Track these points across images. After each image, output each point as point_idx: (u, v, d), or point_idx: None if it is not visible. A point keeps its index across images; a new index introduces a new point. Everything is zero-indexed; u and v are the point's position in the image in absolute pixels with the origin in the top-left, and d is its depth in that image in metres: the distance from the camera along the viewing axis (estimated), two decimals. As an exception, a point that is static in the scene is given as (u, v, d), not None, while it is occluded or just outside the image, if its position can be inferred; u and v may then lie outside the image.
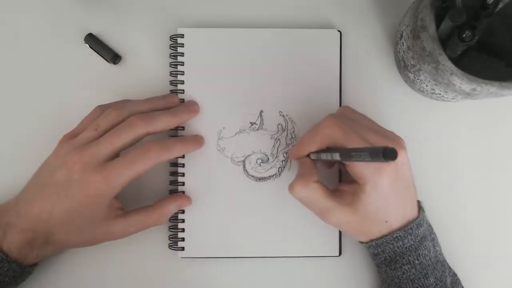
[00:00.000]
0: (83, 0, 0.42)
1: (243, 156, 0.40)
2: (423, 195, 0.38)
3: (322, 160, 0.34)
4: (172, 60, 0.41)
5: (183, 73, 0.41)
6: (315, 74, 0.41)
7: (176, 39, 0.41)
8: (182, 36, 0.41)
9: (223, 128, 0.40)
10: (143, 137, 0.36)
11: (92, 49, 0.41)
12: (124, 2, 0.42)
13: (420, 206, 0.36)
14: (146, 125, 0.36)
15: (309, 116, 0.40)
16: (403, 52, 0.38)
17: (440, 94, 0.37)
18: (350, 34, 0.42)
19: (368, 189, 0.32)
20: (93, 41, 0.41)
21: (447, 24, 0.32)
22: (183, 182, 0.40)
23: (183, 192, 0.40)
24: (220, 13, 0.42)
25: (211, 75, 0.41)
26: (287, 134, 0.41)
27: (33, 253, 0.35)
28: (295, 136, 0.41)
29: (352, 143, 0.32)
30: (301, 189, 0.34)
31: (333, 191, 0.35)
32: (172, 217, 0.39)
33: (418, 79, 0.37)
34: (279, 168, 0.40)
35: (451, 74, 0.32)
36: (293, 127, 0.41)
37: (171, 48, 0.41)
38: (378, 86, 0.42)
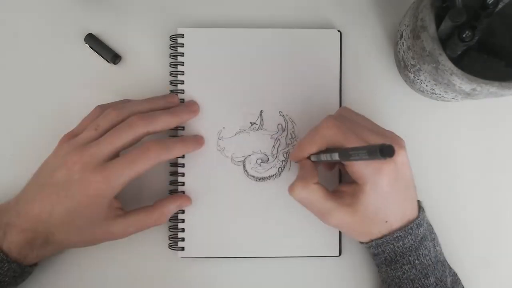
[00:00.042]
0: (83, 0, 0.42)
1: (243, 156, 0.40)
2: (423, 195, 0.38)
3: (323, 162, 0.34)
4: (172, 60, 0.41)
5: (183, 73, 0.41)
6: (315, 74, 0.41)
7: (176, 39, 0.41)
8: (182, 36, 0.41)
9: (223, 128, 0.40)
10: (143, 137, 0.36)
11: (92, 49, 0.41)
12: (124, 2, 0.42)
13: (420, 206, 0.36)
14: (146, 125, 0.36)
15: (309, 116, 0.40)
16: (403, 52, 0.38)
17: (440, 94, 0.37)
18: (350, 34, 0.42)
19: (368, 189, 0.32)
20: (93, 41, 0.41)
21: (447, 24, 0.32)
22: (183, 182, 0.40)
23: (183, 192, 0.40)
24: (220, 13, 0.42)
25: (211, 75, 0.41)
26: (287, 134, 0.41)
27: (33, 253, 0.35)
28: (295, 136, 0.41)
29: (351, 144, 0.32)
30: (301, 191, 0.34)
31: (333, 192, 0.35)
32: (172, 217, 0.39)
33: (418, 79, 0.37)
34: (279, 168, 0.40)
35: (451, 74, 0.32)
36: (293, 127, 0.41)
37: (171, 48, 0.41)
38: (378, 86, 0.42)
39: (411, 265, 0.34)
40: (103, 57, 0.41)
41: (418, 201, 0.36)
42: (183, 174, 0.40)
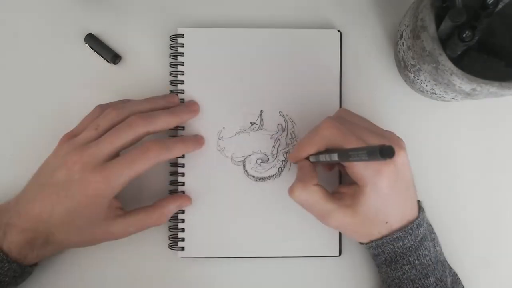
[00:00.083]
0: (83, 0, 0.42)
1: (243, 156, 0.40)
2: (423, 195, 0.38)
3: (322, 163, 0.34)
4: (172, 60, 0.41)
5: (183, 73, 0.41)
6: (315, 74, 0.41)
7: (176, 39, 0.41)
8: (182, 36, 0.41)
9: (223, 128, 0.40)
10: (143, 137, 0.36)
11: (92, 49, 0.41)
12: (124, 2, 0.42)
13: (420, 206, 0.36)
14: (146, 125, 0.36)
15: (309, 116, 0.40)
16: (403, 52, 0.38)
17: (440, 94, 0.37)
18: (350, 34, 0.42)
19: (368, 191, 0.32)
20: (93, 41, 0.41)
21: (447, 24, 0.32)
22: (183, 182, 0.40)
23: (183, 192, 0.40)
24: (220, 13, 0.42)
25: (211, 75, 0.41)
26: (287, 134, 0.41)
27: (33, 253, 0.35)
28: (295, 136, 0.41)
29: (351, 144, 0.32)
30: (301, 193, 0.34)
31: (333, 194, 0.35)
32: (172, 217, 0.39)
33: (418, 79, 0.37)
34: (279, 168, 0.40)
35: (451, 74, 0.32)
36: (293, 127, 0.41)
37: (171, 48, 0.41)
38: (378, 86, 0.42)
39: (411, 265, 0.34)
40: (103, 57, 0.41)
41: (418, 201, 0.36)
42: (183, 174, 0.40)
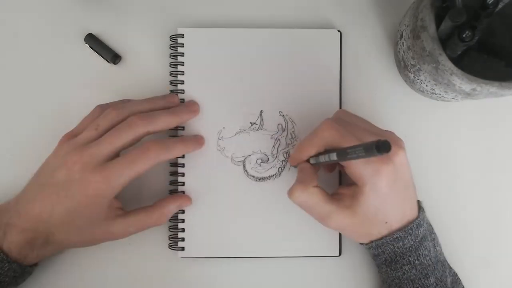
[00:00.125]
0: (83, 0, 0.42)
1: (243, 156, 0.40)
2: (423, 195, 0.38)
3: (322, 164, 0.34)
4: (172, 60, 0.41)
5: (183, 73, 0.41)
6: (315, 74, 0.41)
7: (176, 39, 0.41)
8: (182, 36, 0.41)
9: (223, 128, 0.40)
10: (143, 137, 0.36)
11: (92, 49, 0.41)
12: (124, 2, 0.42)
13: (420, 206, 0.36)
14: (146, 125, 0.36)
15: (309, 116, 0.40)
16: (403, 52, 0.37)
17: (440, 94, 0.37)
18: (350, 34, 0.42)
19: (367, 191, 0.32)
20: (93, 41, 0.41)
21: (447, 24, 0.32)
22: (183, 182, 0.40)
23: (183, 192, 0.40)
24: (220, 13, 0.42)
25: (211, 75, 0.41)
26: (287, 134, 0.41)
27: (33, 253, 0.35)
28: (295, 136, 0.41)
29: (349, 144, 0.32)
30: (300, 194, 0.33)
31: (332, 195, 0.35)
32: (172, 217, 0.39)
33: (418, 79, 0.37)
34: (279, 168, 0.40)
35: (451, 74, 0.32)
36: (293, 127, 0.41)
37: (171, 48, 0.41)
38: (378, 86, 0.42)
39: (411, 266, 0.34)
40: (103, 57, 0.41)
41: (418, 201, 0.36)
42: (183, 174, 0.40)
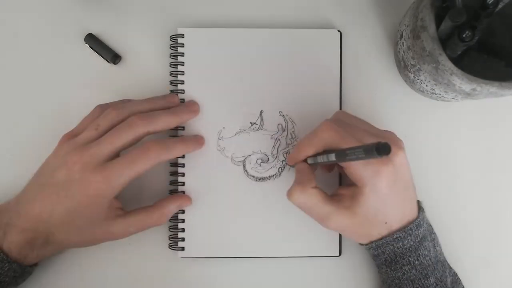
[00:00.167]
0: (83, 0, 0.42)
1: (243, 156, 0.40)
2: (423, 195, 0.38)
3: (321, 164, 0.34)
4: (172, 60, 0.41)
5: (183, 73, 0.41)
6: (315, 74, 0.41)
7: (176, 39, 0.41)
8: (182, 36, 0.41)
9: (223, 128, 0.40)
10: (143, 137, 0.36)
11: (92, 49, 0.41)
12: (124, 2, 0.42)
13: (420, 207, 0.36)
14: (146, 125, 0.36)
15: (309, 117, 0.40)
16: (403, 52, 0.38)
17: (440, 94, 0.37)
18: (350, 34, 0.42)
19: (367, 191, 0.32)
20: (93, 41, 0.41)
21: (447, 24, 0.32)
22: (183, 182, 0.40)
23: (183, 192, 0.40)
24: (220, 13, 0.42)
25: (211, 75, 0.41)
26: (287, 134, 0.41)
27: (33, 253, 0.35)
28: (295, 136, 0.41)
29: (349, 146, 0.32)
30: (299, 195, 0.33)
31: (332, 196, 0.35)
32: (172, 217, 0.39)
33: (418, 79, 0.37)
34: (279, 168, 0.40)
35: (451, 74, 0.32)
36: (293, 127, 0.41)
37: (171, 48, 0.41)
38: (378, 86, 0.42)
39: (411, 266, 0.34)
40: (103, 57, 0.41)
41: (418, 202, 0.36)
42: (183, 174, 0.40)
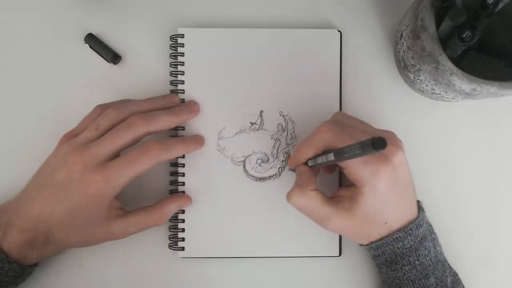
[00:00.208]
0: (83, 0, 0.42)
1: (243, 156, 0.40)
2: (423, 195, 0.38)
3: (320, 165, 0.34)
4: (172, 60, 0.41)
5: (183, 73, 0.41)
6: (315, 74, 0.41)
7: (176, 39, 0.41)
8: (182, 36, 0.41)
9: (223, 128, 0.40)
10: (143, 137, 0.36)
11: (92, 49, 0.41)
12: (124, 2, 0.42)
13: (420, 206, 0.36)
14: (146, 125, 0.36)
15: (309, 117, 0.40)
16: (403, 52, 0.38)
17: (440, 94, 0.37)
18: (350, 34, 0.42)
19: (366, 192, 0.32)
20: (93, 41, 0.41)
21: (447, 24, 0.32)
22: (183, 182, 0.40)
23: (183, 192, 0.40)
24: (220, 13, 0.42)
25: (211, 75, 0.41)
26: (287, 134, 0.41)
27: (33, 253, 0.35)
28: (295, 136, 0.41)
29: None
30: (299, 198, 0.33)
31: (331, 198, 0.35)
32: (172, 217, 0.39)
33: (418, 79, 0.37)
34: (279, 168, 0.40)
35: (451, 74, 0.32)
36: (293, 127, 0.41)
37: (171, 48, 0.41)
38: (378, 86, 0.42)
39: (411, 266, 0.34)
40: (103, 57, 0.41)
41: (418, 201, 0.36)
42: (183, 174, 0.40)
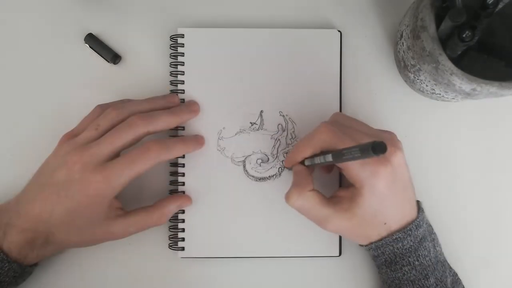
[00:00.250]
0: (83, 0, 0.42)
1: (243, 156, 0.40)
2: (423, 195, 0.38)
3: (317, 165, 0.34)
4: (172, 60, 0.41)
5: (183, 73, 0.41)
6: (315, 74, 0.41)
7: (176, 39, 0.41)
8: (182, 36, 0.41)
9: (223, 128, 0.40)
10: (143, 137, 0.36)
11: (92, 49, 0.41)
12: (124, 2, 0.42)
13: (420, 207, 0.36)
14: (146, 125, 0.36)
15: (309, 117, 0.40)
16: (403, 52, 0.38)
17: (440, 94, 0.37)
18: (350, 34, 0.42)
19: (365, 193, 0.32)
20: (93, 41, 0.41)
21: (447, 24, 0.32)
22: (183, 182, 0.40)
23: (183, 192, 0.40)
24: (220, 13, 0.42)
25: (211, 75, 0.41)
26: (287, 134, 0.41)
27: (33, 253, 0.35)
28: (295, 136, 0.41)
29: (346, 146, 0.32)
30: (297, 199, 0.33)
31: (330, 198, 0.35)
32: (172, 217, 0.39)
33: (418, 79, 0.37)
34: (279, 168, 0.40)
35: (451, 74, 0.32)
36: (293, 127, 0.41)
37: (171, 48, 0.41)
38: (378, 86, 0.42)
39: (411, 266, 0.34)
40: (103, 57, 0.41)
41: (418, 202, 0.36)
42: (183, 174, 0.40)
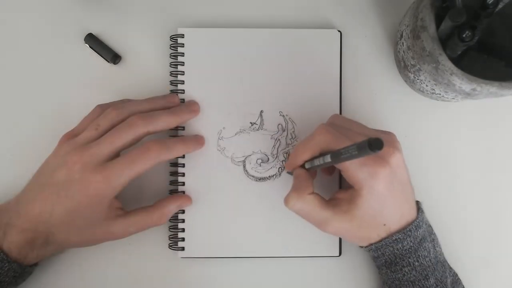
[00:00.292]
0: (83, 0, 0.42)
1: (243, 156, 0.40)
2: (423, 195, 0.38)
3: (318, 168, 0.34)
4: (172, 60, 0.41)
5: (183, 73, 0.41)
6: (315, 74, 0.41)
7: (176, 39, 0.41)
8: (182, 36, 0.41)
9: (223, 128, 0.40)
10: (143, 137, 0.36)
11: (92, 49, 0.41)
12: (124, 2, 0.42)
13: (419, 207, 0.36)
14: (146, 125, 0.36)
15: (309, 117, 0.40)
16: (403, 52, 0.38)
17: (440, 94, 0.37)
18: (350, 34, 0.42)
19: (365, 194, 0.32)
20: (93, 41, 0.41)
21: (447, 24, 0.32)
22: (183, 182, 0.40)
23: (183, 192, 0.40)
24: (220, 13, 0.42)
25: (211, 75, 0.41)
26: (287, 134, 0.41)
27: (33, 253, 0.35)
28: (295, 136, 0.41)
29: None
30: (296, 202, 0.33)
31: (329, 201, 0.35)
32: (172, 217, 0.39)
33: (418, 79, 0.37)
34: (279, 168, 0.40)
35: (451, 74, 0.32)
36: (293, 127, 0.41)
37: (171, 48, 0.41)
38: (378, 86, 0.42)
39: (411, 267, 0.34)
40: (103, 57, 0.41)
41: (417, 202, 0.36)
42: (183, 174, 0.40)
